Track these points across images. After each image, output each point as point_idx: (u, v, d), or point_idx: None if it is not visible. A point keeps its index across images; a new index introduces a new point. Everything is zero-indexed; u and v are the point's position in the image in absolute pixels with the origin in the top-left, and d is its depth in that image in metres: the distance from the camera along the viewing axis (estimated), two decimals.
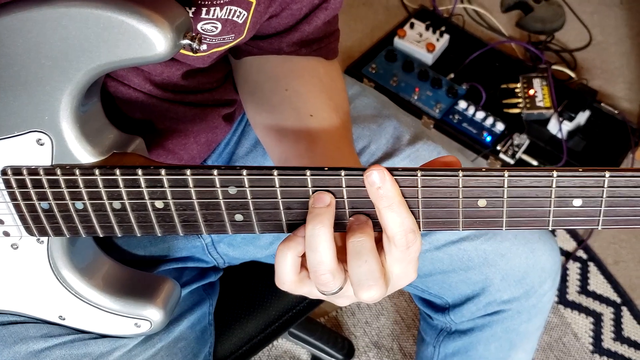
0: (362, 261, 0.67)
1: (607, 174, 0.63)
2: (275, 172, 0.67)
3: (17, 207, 0.74)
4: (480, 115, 2.22)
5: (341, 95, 0.98)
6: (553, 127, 2.20)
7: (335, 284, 0.69)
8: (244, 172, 0.67)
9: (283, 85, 0.94)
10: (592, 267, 2.03)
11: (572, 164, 2.13)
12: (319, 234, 0.67)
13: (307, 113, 0.91)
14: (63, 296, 0.82)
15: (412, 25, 2.43)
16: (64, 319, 0.86)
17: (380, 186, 0.65)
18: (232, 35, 0.84)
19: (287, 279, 0.71)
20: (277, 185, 0.67)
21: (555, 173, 0.63)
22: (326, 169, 0.66)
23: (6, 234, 0.78)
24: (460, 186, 0.65)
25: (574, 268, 2.03)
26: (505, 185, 0.64)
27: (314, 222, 0.67)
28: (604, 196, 0.64)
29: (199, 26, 0.80)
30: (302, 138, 0.89)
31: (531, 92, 2.24)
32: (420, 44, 2.38)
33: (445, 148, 1.07)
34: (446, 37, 2.42)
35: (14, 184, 0.72)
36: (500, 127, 2.20)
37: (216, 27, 0.81)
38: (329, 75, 0.98)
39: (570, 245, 2.07)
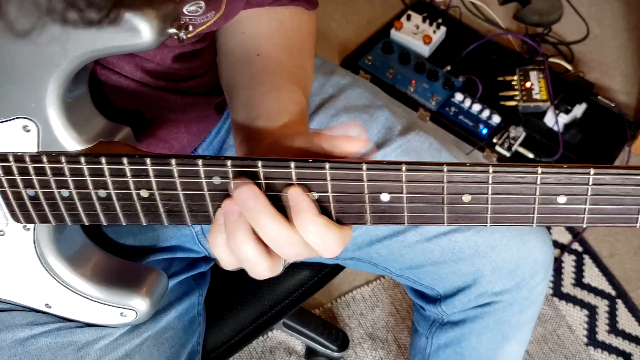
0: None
1: (592, 171, 0.62)
2: (260, 164, 0.66)
3: (3, 194, 0.74)
4: (476, 107, 2.22)
5: (303, 37, 0.98)
6: (549, 119, 2.19)
7: (276, 271, 0.71)
8: (229, 162, 0.67)
9: (242, 28, 0.94)
10: (587, 260, 2.03)
11: (568, 157, 2.13)
12: (243, 249, 0.68)
13: (254, 53, 0.91)
14: (49, 284, 0.82)
15: (408, 17, 2.43)
16: (50, 307, 0.86)
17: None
18: (213, 12, 0.84)
19: (229, 263, 0.72)
20: (262, 177, 0.67)
21: (539, 170, 0.63)
22: (310, 160, 0.66)
23: None
24: (445, 181, 0.65)
25: (569, 260, 2.03)
26: (490, 181, 0.64)
27: (234, 238, 0.68)
28: (589, 194, 0.63)
29: (185, 9, 0.80)
30: (245, 76, 0.89)
31: (528, 84, 2.24)
32: (417, 36, 2.38)
33: (439, 140, 1.06)
34: (443, 29, 2.41)
35: (0, 171, 0.72)
36: (496, 119, 2.20)
37: (200, 7, 0.81)
38: (293, 18, 0.97)
39: (565, 237, 2.07)
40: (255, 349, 1.83)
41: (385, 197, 0.66)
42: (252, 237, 0.68)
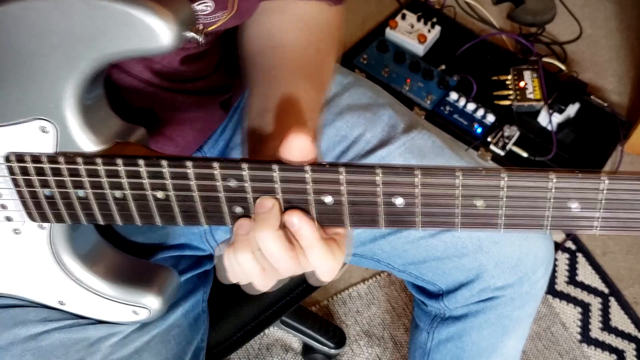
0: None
1: (605, 178, 0.63)
2: (276, 167, 0.67)
3: (20, 194, 0.75)
4: (471, 106, 2.23)
5: (324, 33, 0.99)
6: (543, 119, 2.21)
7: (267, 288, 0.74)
8: (245, 166, 0.68)
9: (266, 20, 0.95)
10: (580, 258, 2.05)
11: (561, 156, 2.15)
12: (246, 264, 0.70)
13: (277, 44, 0.92)
14: (63, 282, 0.83)
15: (403, 17, 2.44)
16: (63, 304, 0.87)
17: (298, 228, 0.68)
18: (225, 12, 0.85)
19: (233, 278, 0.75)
20: (277, 180, 0.68)
21: (552, 176, 0.64)
22: (326, 165, 0.67)
23: (9, 219, 0.79)
24: (459, 186, 0.66)
25: (562, 259, 2.04)
26: (503, 187, 0.65)
27: (260, 227, 0.69)
28: (602, 200, 0.64)
29: (194, 7, 0.81)
30: (264, 67, 0.90)
31: (522, 84, 2.26)
32: (412, 35, 2.39)
33: (439, 137, 1.07)
34: (437, 28, 2.43)
35: (17, 171, 0.73)
36: (490, 118, 2.21)
37: (209, 7, 0.82)
38: (317, 14, 0.98)
39: (559, 236, 2.09)
40: (252, 346, 1.84)
41: (399, 201, 0.67)
42: (255, 256, 0.70)
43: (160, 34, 0.64)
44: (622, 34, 2.64)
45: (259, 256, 0.70)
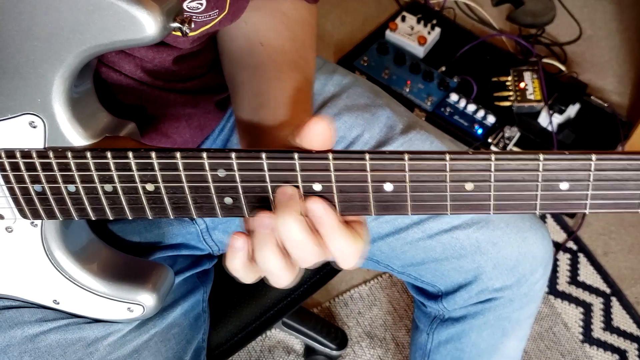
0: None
1: (594, 157, 0.63)
2: (264, 156, 0.67)
3: (11, 190, 0.75)
4: (471, 108, 2.23)
5: (305, 29, 0.98)
6: (543, 120, 2.21)
7: (297, 280, 0.72)
8: (233, 155, 0.67)
9: (244, 18, 0.94)
10: (581, 258, 2.04)
11: None
12: (270, 263, 0.69)
13: (257, 42, 0.92)
14: (57, 280, 0.83)
15: (403, 19, 2.44)
16: (58, 303, 0.86)
17: (321, 214, 0.67)
18: (216, 11, 0.85)
19: (249, 279, 0.74)
20: (266, 169, 0.68)
21: (541, 156, 0.63)
22: (314, 151, 0.66)
23: (0, 217, 0.79)
24: (448, 170, 0.65)
25: (564, 259, 2.04)
26: (492, 169, 0.65)
27: (261, 251, 0.68)
28: (591, 179, 0.64)
29: (185, 5, 0.80)
30: (249, 65, 0.90)
31: (522, 85, 2.25)
32: (412, 37, 2.39)
33: (438, 137, 1.07)
34: (437, 30, 2.43)
35: (7, 167, 0.73)
36: (491, 119, 2.21)
37: (201, 4, 0.82)
38: (296, 10, 0.98)
39: (560, 236, 2.08)
40: (254, 348, 1.84)
41: (388, 186, 0.67)
42: (279, 250, 0.69)
43: (145, 24, 0.64)
44: (621, 34, 2.64)
45: (286, 246, 0.69)
